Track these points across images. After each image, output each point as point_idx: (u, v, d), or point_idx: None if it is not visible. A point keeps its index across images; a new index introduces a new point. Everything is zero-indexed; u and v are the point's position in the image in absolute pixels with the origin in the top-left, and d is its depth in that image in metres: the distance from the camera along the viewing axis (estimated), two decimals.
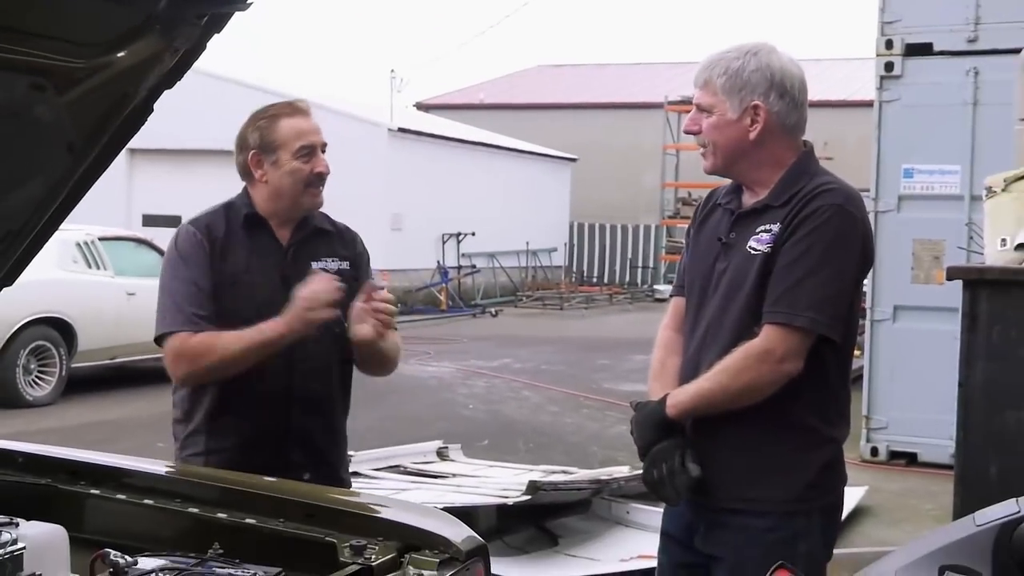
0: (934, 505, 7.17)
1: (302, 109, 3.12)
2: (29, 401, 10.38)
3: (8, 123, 2.24)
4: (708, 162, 2.75)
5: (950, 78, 8.26)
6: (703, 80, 2.71)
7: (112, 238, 11.70)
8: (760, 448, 2.65)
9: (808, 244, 2.58)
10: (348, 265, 3.16)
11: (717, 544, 2.69)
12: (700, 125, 2.72)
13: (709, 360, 2.66)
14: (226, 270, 3.05)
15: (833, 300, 2.60)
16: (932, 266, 8.26)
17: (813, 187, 2.64)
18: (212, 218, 3.14)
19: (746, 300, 2.63)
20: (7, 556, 2.08)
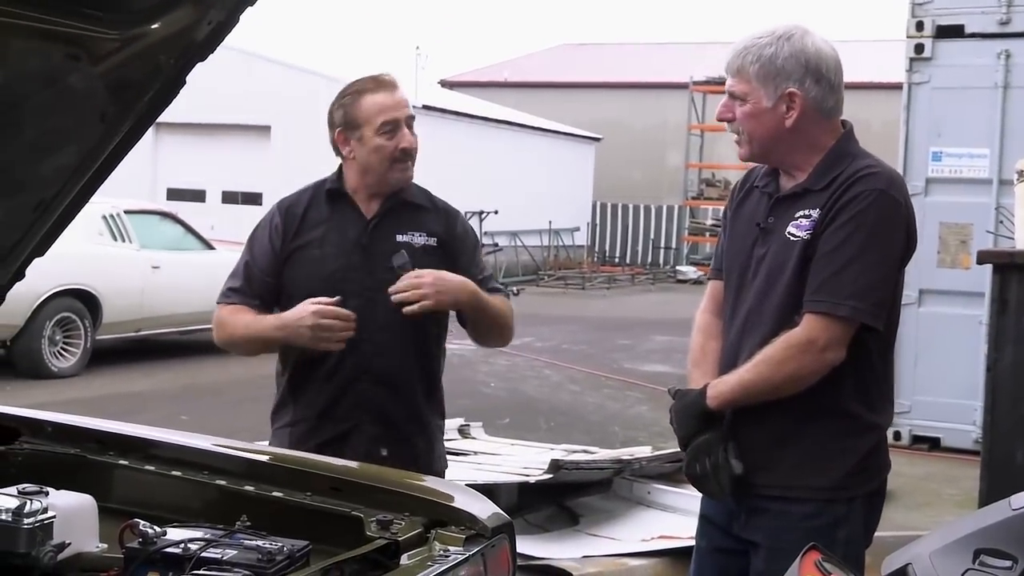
0: (956, 490, 7.14)
1: (386, 83, 3.09)
2: (54, 372, 10.46)
3: (43, 92, 2.25)
4: (744, 150, 2.70)
5: (981, 60, 8.17)
6: (736, 67, 2.64)
7: (137, 211, 11.74)
8: (803, 436, 2.62)
9: (850, 230, 2.54)
10: (436, 242, 3.12)
11: (756, 530, 2.67)
12: (734, 113, 2.65)
13: (750, 347, 2.63)
14: (299, 242, 3.11)
15: (876, 287, 2.56)
16: (959, 250, 8.20)
17: (854, 171, 2.59)
18: (298, 196, 3.19)
19: (787, 287, 2.60)
20: (37, 524, 2.10)
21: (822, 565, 1.50)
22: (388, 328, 3.04)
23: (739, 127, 2.67)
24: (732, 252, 2.78)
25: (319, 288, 3.02)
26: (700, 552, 2.89)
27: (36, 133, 2.34)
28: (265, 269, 3.12)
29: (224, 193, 23.60)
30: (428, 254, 3.08)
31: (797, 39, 2.62)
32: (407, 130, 3.07)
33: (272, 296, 3.13)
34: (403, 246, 3.06)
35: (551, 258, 27.42)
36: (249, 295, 3.11)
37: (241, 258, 3.19)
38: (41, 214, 2.51)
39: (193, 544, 2.09)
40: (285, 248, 3.11)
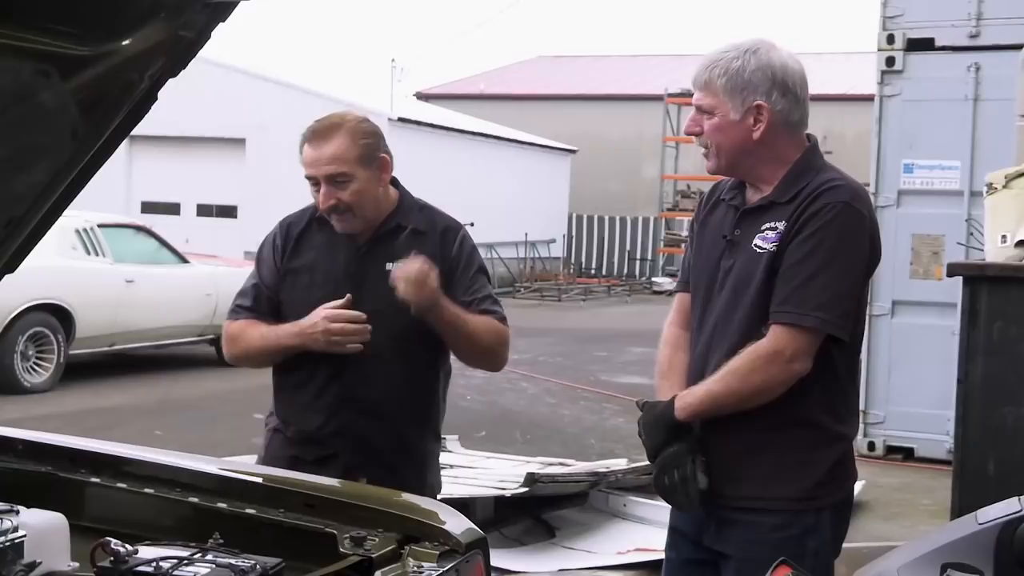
0: (931, 500, 7.18)
1: (318, 134, 3.03)
2: (27, 387, 10.37)
3: (12, 109, 2.23)
4: (711, 163, 2.72)
5: (951, 73, 8.25)
6: (703, 81, 2.66)
7: (111, 225, 11.67)
8: (771, 447, 2.64)
9: (815, 243, 2.56)
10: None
11: (726, 542, 2.68)
12: (702, 126, 2.68)
13: (717, 359, 2.65)
14: (292, 265, 3.14)
15: (841, 298, 2.59)
16: (931, 261, 8.26)
17: (818, 184, 2.62)
18: (300, 215, 3.20)
19: (753, 299, 2.62)
20: (8, 544, 2.09)
21: None
22: (375, 357, 3.00)
23: (707, 140, 2.68)
24: (699, 264, 2.80)
25: (306, 313, 3.02)
26: (671, 564, 2.90)
27: (6, 151, 2.33)
28: (272, 287, 3.15)
29: (199, 206, 23.51)
30: None
31: (763, 53, 2.65)
32: (327, 187, 3.00)
33: (277, 312, 3.15)
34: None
35: (527, 270, 27.44)
36: (258, 312, 3.14)
37: (250, 276, 3.23)
38: (11, 232, 2.50)
39: (165, 563, 2.07)
40: (282, 267, 3.15)
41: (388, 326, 2.99)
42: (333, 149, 2.99)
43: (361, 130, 3.05)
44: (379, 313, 2.98)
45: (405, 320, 2.97)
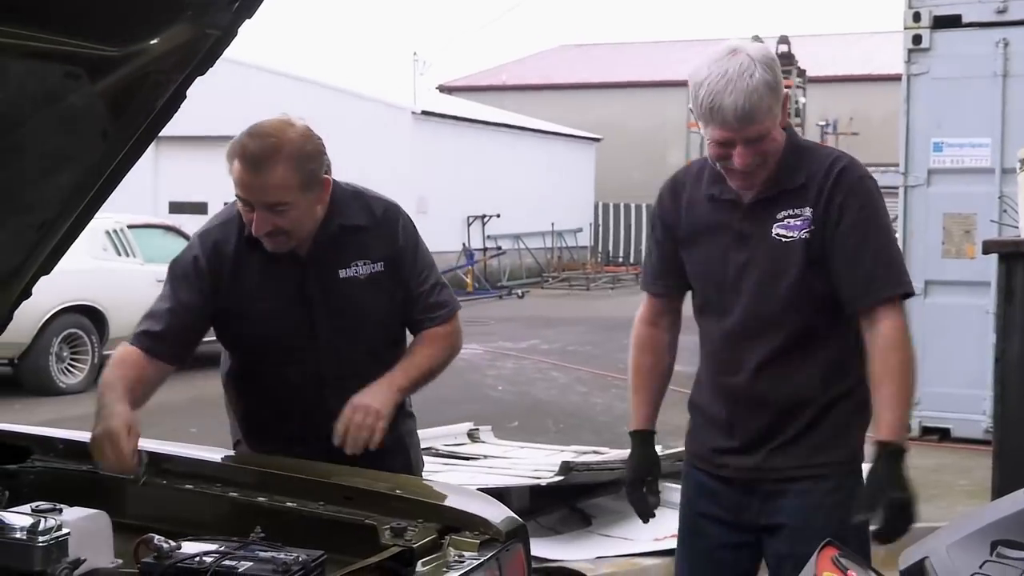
0: (968, 481, 7.12)
1: (256, 160, 2.69)
2: (62, 388, 10.46)
3: (43, 112, 2.25)
4: (757, 177, 2.60)
5: (979, 50, 8.16)
6: (749, 115, 2.49)
7: (140, 225, 11.77)
8: (817, 420, 2.68)
9: (867, 218, 2.61)
10: (382, 266, 2.86)
11: (776, 513, 2.70)
12: (760, 150, 2.55)
13: (761, 352, 2.65)
14: (232, 293, 2.83)
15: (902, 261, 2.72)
16: (963, 240, 8.18)
17: (826, 163, 2.64)
18: (221, 231, 2.88)
19: (791, 288, 2.62)
20: (52, 542, 2.10)
21: (839, 561, 1.50)
22: (352, 375, 2.81)
23: (760, 160, 2.58)
24: (698, 262, 2.75)
25: (266, 345, 2.85)
26: (698, 552, 2.87)
27: (37, 153, 2.34)
28: (195, 313, 2.84)
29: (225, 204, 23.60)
30: (378, 283, 2.86)
31: (752, 51, 2.55)
32: (262, 213, 2.71)
33: (190, 347, 2.88)
34: (348, 282, 2.82)
35: (555, 260, 27.41)
36: (164, 343, 2.82)
37: (163, 298, 2.86)
38: (45, 234, 2.52)
39: (208, 557, 2.09)
40: (218, 297, 2.82)
41: (358, 338, 2.85)
42: (273, 180, 2.68)
43: (304, 154, 2.73)
44: (345, 327, 2.84)
45: (372, 328, 2.88)
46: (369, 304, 2.87)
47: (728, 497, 2.77)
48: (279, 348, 2.86)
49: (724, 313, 2.72)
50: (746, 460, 2.73)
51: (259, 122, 2.79)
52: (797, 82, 27.37)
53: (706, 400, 2.82)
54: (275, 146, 2.70)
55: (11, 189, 2.40)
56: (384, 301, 2.89)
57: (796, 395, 2.67)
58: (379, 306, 2.89)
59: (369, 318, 2.87)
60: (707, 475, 2.82)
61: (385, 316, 2.92)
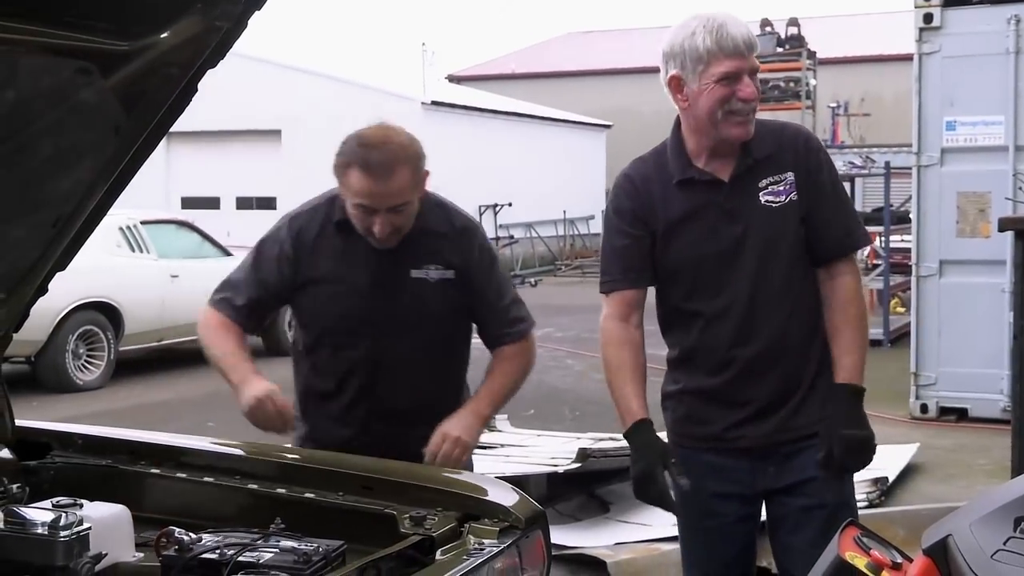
0: (987, 460, 7.10)
1: (381, 168, 2.83)
2: (79, 385, 10.50)
3: (56, 108, 2.25)
4: (751, 127, 2.73)
5: (991, 27, 8.11)
6: (751, 42, 2.70)
7: (154, 221, 11.78)
8: (820, 376, 2.78)
9: (832, 177, 2.85)
10: (453, 274, 2.98)
11: (798, 470, 2.77)
12: (758, 93, 2.72)
13: (780, 316, 2.75)
14: (309, 275, 3.00)
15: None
16: (978, 219, 8.15)
17: (787, 129, 2.87)
18: (310, 218, 3.05)
19: (790, 250, 2.75)
20: (73, 536, 2.11)
21: (861, 540, 1.50)
22: (402, 369, 2.97)
23: (755, 104, 2.72)
24: (684, 247, 2.77)
25: (332, 326, 3.00)
26: (712, 532, 2.89)
27: (51, 150, 2.35)
28: (275, 295, 3.06)
29: (238, 199, 23.67)
30: (445, 289, 2.98)
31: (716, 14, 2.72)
32: (386, 216, 2.86)
33: (265, 317, 3.13)
34: (418, 283, 2.96)
35: (567, 247, 27.39)
36: (243, 314, 3.02)
37: (247, 270, 3.06)
38: (60, 230, 2.52)
39: (229, 549, 2.10)
40: (297, 278, 3.01)
41: (416, 335, 2.97)
42: (399, 184, 2.85)
43: (416, 155, 2.92)
44: (407, 322, 2.96)
45: (432, 328, 2.99)
46: (432, 306, 2.99)
47: (741, 468, 2.81)
48: (342, 330, 3.00)
49: (722, 288, 2.76)
50: (763, 426, 2.78)
51: (364, 131, 2.92)
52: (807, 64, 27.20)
53: (702, 382, 2.85)
54: (396, 153, 2.87)
55: (25, 186, 2.41)
56: (447, 308, 3.01)
57: (800, 353, 2.77)
58: (441, 311, 3.00)
59: (430, 319, 2.99)
60: (715, 453, 2.83)
61: (446, 322, 3.03)
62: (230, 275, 3.12)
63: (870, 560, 1.47)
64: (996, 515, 1.33)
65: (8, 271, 2.56)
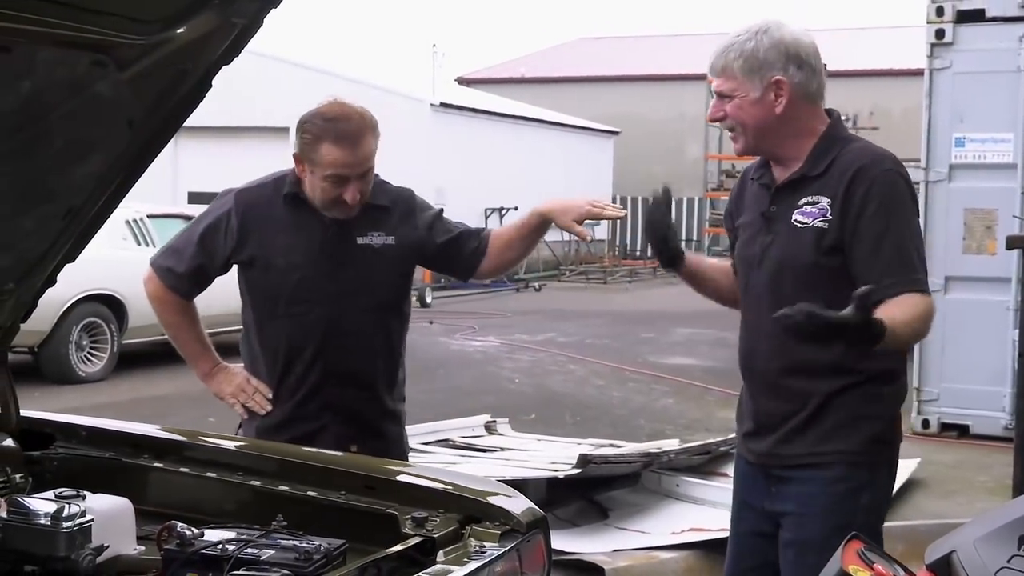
0: (988, 477, 7.10)
1: (346, 138, 3.04)
2: (82, 377, 10.52)
3: (70, 100, 2.26)
4: (739, 144, 2.80)
5: (1003, 44, 8.11)
6: (720, 67, 2.74)
7: (160, 215, 11.80)
8: (829, 407, 2.69)
9: (877, 221, 2.61)
10: (394, 240, 3.19)
11: (785, 500, 2.74)
12: (724, 111, 2.75)
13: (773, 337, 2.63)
14: (257, 249, 3.16)
15: (923, 258, 2.68)
16: (984, 236, 8.14)
17: (853, 156, 2.68)
18: (258, 194, 3.23)
19: (801, 274, 2.67)
20: (76, 528, 2.12)
21: (865, 554, 1.50)
22: (354, 332, 3.15)
23: (732, 123, 2.76)
24: (740, 245, 2.86)
25: (287, 294, 3.14)
26: (739, 536, 2.93)
27: (64, 141, 2.36)
28: (211, 264, 3.22)
29: None
30: (387, 252, 3.17)
31: (774, 30, 2.73)
32: (356, 183, 3.07)
33: (204, 285, 3.30)
34: (363, 249, 3.15)
35: (572, 253, 27.39)
36: (183, 281, 3.25)
37: (191, 240, 3.23)
38: (70, 222, 2.53)
39: (231, 545, 2.10)
40: (241, 251, 3.18)
41: (365, 300, 3.15)
42: (367, 150, 3.07)
43: (374, 123, 3.13)
44: (356, 287, 3.14)
45: (379, 293, 3.18)
46: (378, 271, 3.17)
47: (758, 482, 2.82)
48: (297, 299, 3.14)
49: (747, 298, 2.83)
50: (760, 444, 2.79)
51: (321, 108, 3.10)
52: None
53: (743, 384, 2.91)
54: (361, 122, 3.08)
55: (38, 177, 2.42)
56: (391, 272, 3.21)
57: (807, 381, 2.70)
58: (386, 275, 3.19)
59: (376, 284, 3.17)
60: (744, 460, 2.90)
61: (391, 286, 3.23)
62: (173, 242, 3.31)
63: (873, 574, 1.48)
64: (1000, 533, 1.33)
65: (17, 261, 2.57)
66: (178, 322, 3.34)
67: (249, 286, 3.23)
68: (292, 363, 3.16)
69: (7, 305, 2.63)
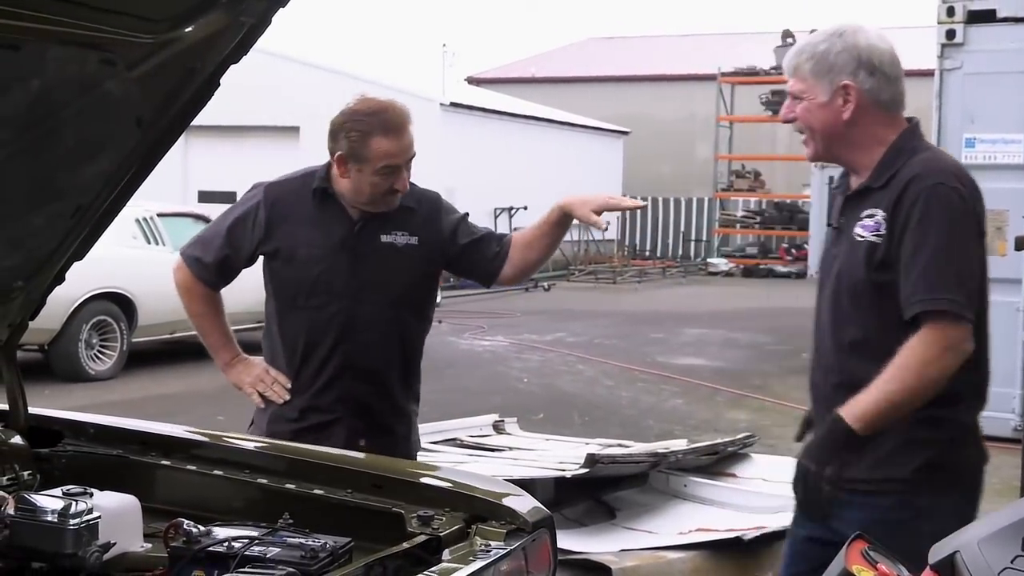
0: (997, 479, 6.99)
1: (395, 127, 3.13)
2: (92, 375, 10.55)
3: (79, 99, 2.27)
4: (809, 149, 2.76)
5: (1014, 45, 8.08)
6: (792, 67, 2.72)
7: (170, 214, 11.82)
8: (887, 432, 2.56)
9: (917, 236, 2.52)
10: (417, 241, 3.23)
11: (846, 523, 2.55)
12: (794, 112, 2.72)
13: (830, 353, 2.65)
14: (283, 241, 3.22)
15: (963, 278, 2.53)
16: (995, 237, 8.09)
17: (912, 167, 2.59)
18: (286, 187, 3.30)
19: (856, 291, 2.61)
20: (83, 525, 2.13)
21: (869, 554, 1.50)
22: (372, 327, 3.19)
23: (802, 126, 2.72)
24: (823, 254, 2.84)
25: (308, 286, 3.18)
26: (796, 539, 2.88)
27: (73, 140, 2.37)
28: (238, 255, 3.28)
29: None
30: (409, 252, 3.22)
31: (849, 35, 2.68)
32: (405, 170, 3.16)
33: (231, 276, 3.34)
34: (386, 247, 3.20)
35: (581, 253, 27.38)
36: (210, 271, 3.30)
37: (220, 232, 3.30)
38: (79, 220, 2.54)
39: (237, 542, 2.11)
40: (267, 243, 3.23)
41: (384, 297, 3.19)
42: (411, 137, 3.16)
43: (409, 111, 3.21)
44: (376, 285, 3.18)
45: (399, 291, 3.22)
46: (399, 269, 3.21)
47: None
48: (318, 290, 3.19)
49: (818, 307, 2.78)
50: None
51: (356, 107, 3.16)
52: None
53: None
54: (401, 111, 3.17)
55: (47, 175, 2.43)
56: (413, 271, 3.25)
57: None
58: (407, 274, 3.23)
59: (397, 281, 3.21)
60: None
61: (411, 284, 3.26)
62: (203, 233, 3.42)
63: (877, 574, 1.47)
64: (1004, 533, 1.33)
65: (26, 259, 2.58)
66: (203, 311, 3.37)
67: (272, 277, 3.28)
68: (309, 355, 3.21)
69: (16, 303, 2.65)
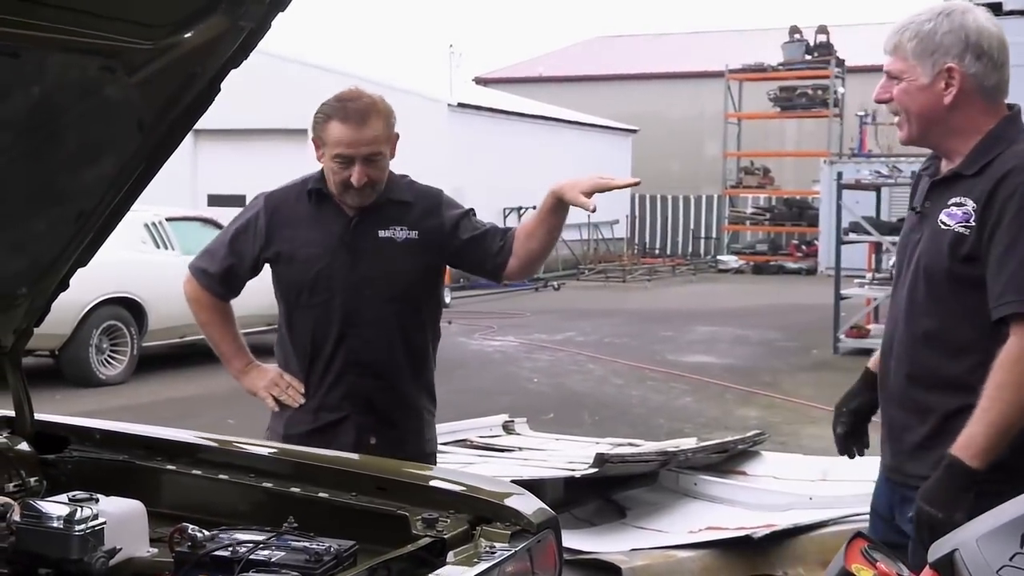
0: None
1: (354, 115, 3.10)
2: (102, 380, 10.57)
3: (80, 104, 2.28)
4: (903, 132, 2.61)
5: (1020, 38, 8.03)
6: (892, 45, 2.57)
7: (179, 218, 11.85)
8: (952, 431, 2.47)
9: (1010, 232, 2.41)
10: (416, 235, 3.23)
11: (909, 522, 2.54)
12: (891, 92, 2.59)
13: (904, 342, 2.57)
14: (283, 245, 3.25)
15: None
16: None
17: (1010, 158, 2.47)
18: (285, 194, 3.33)
19: (937, 278, 2.52)
20: (88, 531, 2.13)
21: (868, 553, 1.50)
22: (374, 322, 3.21)
23: (897, 107, 2.59)
24: (900, 238, 2.75)
25: (309, 285, 3.21)
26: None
27: (75, 145, 2.38)
28: (242, 264, 3.32)
29: None
30: (409, 247, 3.22)
31: (957, 15, 2.54)
32: (362, 166, 3.11)
33: (238, 285, 3.38)
34: (385, 241, 3.20)
35: (591, 251, 27.37)
36: (217, 281, 3.35)
37: (223, 242, 3.36)
38: (82, 225, 2.55)
39: (242, 547, 2.11)
40: (269, 250, 3.27)
41: (384, 292, 3.20)
42: (374, 132, 3.12)
43: (388, 111, 3.19)
44: (375, 280, 3.20)
45: (399, 285, 3.22)
46: (399, 264, 3.21)
47: (885, 494, 2.71)
48: (314, 288, 3.21)
49: (895, 292, 2.69)
50: (886, 454, 2.66)
51: (339, 93, 3.17)
52: (836, 72, 27.17)
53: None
54: (371, 104, 3.14)
55: (49, 180, 2.43)
56: (413, 266, 3.23)
57: (926, 393, 2.55)
58: (408, 269, 3.22)
59: (397, 276, 3.22)
60: (882, 466, 2.75)
61: (412, 280, 3.25)
62: (209, 245, 3.46)
63: (876, 572, 1.47)
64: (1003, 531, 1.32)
65: (30, 265, 2.59)
66: (213, 321, 3.41)
67: (278, 281, 3.32)
68: (317, 354, 3.24)
69: (20, 309, 2.66)
